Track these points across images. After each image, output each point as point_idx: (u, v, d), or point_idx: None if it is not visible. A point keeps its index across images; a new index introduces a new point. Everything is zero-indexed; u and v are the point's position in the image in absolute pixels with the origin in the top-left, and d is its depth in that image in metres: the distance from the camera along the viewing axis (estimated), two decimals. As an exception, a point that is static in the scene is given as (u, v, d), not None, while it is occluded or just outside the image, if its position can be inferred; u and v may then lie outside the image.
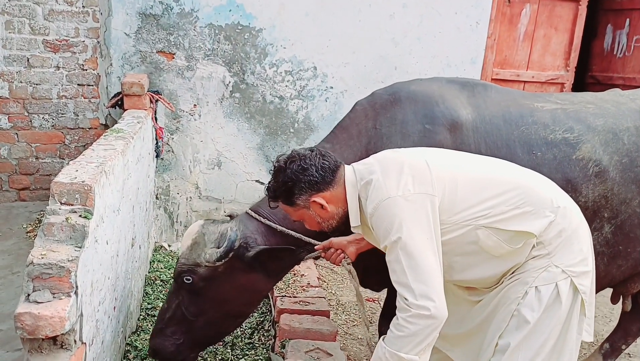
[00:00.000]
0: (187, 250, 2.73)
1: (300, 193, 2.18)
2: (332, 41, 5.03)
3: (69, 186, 2.16)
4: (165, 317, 2.77)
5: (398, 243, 2.00)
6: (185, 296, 2.73)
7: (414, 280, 1.96)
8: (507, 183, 2.13)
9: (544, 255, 2.09)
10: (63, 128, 5.02)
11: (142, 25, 4.77)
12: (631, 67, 5.91)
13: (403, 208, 2.02)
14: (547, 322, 2.09)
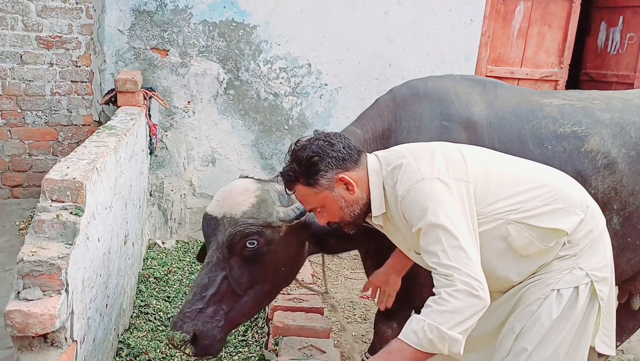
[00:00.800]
0: (252, 208, 2.41)
1: (325, 170, 2.02)
2: (327, 38, 5.02)
3: (60, 183, 2.15)
4: (207, 294, 2.37)
5: (436, 225, 1.86)
6: (236, 267, 2.41)
7: (458, 260, 1.83)
8: (537, 180, 2.08)
9: (570, 255, 2.03)
10: (56, 125, 5.01)
11: (135, 22, 4.75)
12: (625, 64, 5.92)
13: (439, 190, 1.92)
14: (562, 326, 2.03)
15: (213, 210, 2.48)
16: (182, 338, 2.31)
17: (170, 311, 3.65)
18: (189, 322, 2.33)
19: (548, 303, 2.02)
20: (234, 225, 2.39)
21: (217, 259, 2.41)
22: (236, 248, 2.38)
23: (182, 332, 2.31)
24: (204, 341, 2.35)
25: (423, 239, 1.91)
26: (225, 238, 2.39)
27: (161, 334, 3.40)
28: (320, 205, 2.08)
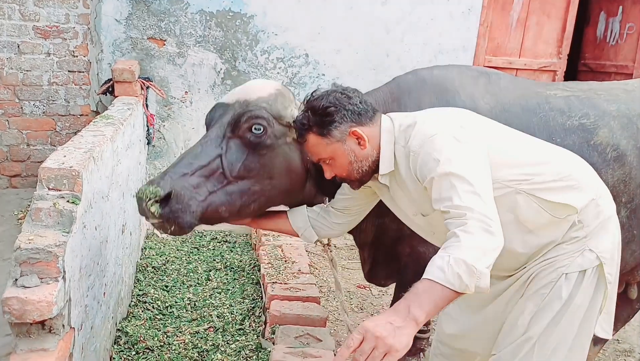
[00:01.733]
0: (268, 96, 2.33)
1: (340, 122, 1.99)
2: (324, 28, 5.02)
3: (57, 171, 2.16)
4: (195, 163, 2.23)
5: (449, 173, 1.80)
6: (234, 149, 2.29)
7: (471, 202, 1.75)
8: (552, 156, 2.06)
9: (580, 237, 2.00)
10: (54, 115, 5.01)
11: (132, 12, 4.74)
12: (623, 54, 5.91)
13: (452, 143, 1.87)
14: (570, 311, 2.00)
15: (225, 99, 2.41)
16: (155, 192, 2.10)
17: (168, 301, 3.66)
18: (168, 180, 2.16)
19: (558, 288, 2.00)
20: (245, 106, 2.30)
21: (216, 136, 2.29)
22: (241, 128, 2.27)
23: (157, 186, 2.12)
24: (176, 205, 2.14)
25: (436, 189, 1.83)
26: (233, 117, 2.30)
27: (159, 323, 3.42)
28: (330, 157, 2.05)
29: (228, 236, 5.02)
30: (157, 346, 3.12)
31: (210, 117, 2.42)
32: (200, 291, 3.85)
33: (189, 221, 2.20)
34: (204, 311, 3.56)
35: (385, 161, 2.05)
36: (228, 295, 3.82)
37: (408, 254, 2.76)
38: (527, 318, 2.04)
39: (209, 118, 2.43)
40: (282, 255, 4.00)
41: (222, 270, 4.23)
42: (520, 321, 2.05)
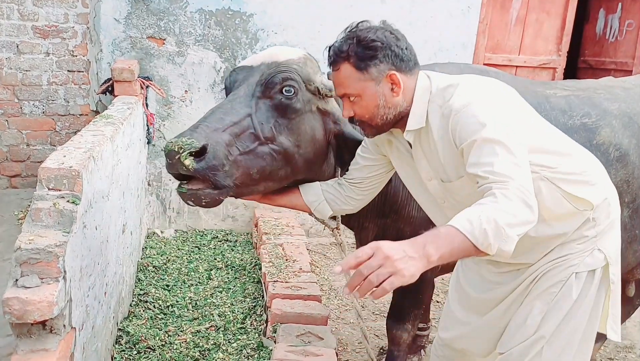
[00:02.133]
0: (299, 59, 2.26)
1: (381, 61, 1.87)
2: (324, 26, 5.00)
3: (57, 171, 2.16)
4: (226, 119, 2.10)
5: (494, 140, 1.72)
6: (264, 110, 2.18)
7: (514, 173, 1.68)
8: (573, 148, 2.05)
9: (590, 237, 1.99)
10: (54, 115, 5.01)
11: (132, 11, 4.73)
12: (623, 51, 5.90)
13: (500, 112, 1.80)
14: (579, 310, 2.00)
15: (247, 62, 2.31)
16: (190, 143, 1.95)
17: (169, 300, 3.67)
18: (202, 133, 2.01)
19: (568, 287, 1.98)
20: (275, 67, 2.20)
21: (244, 94, 2.18)
22: (272, 88, 2.17)
23: (191, 138, 1.97)
24: (212, 161, 2.00)
25: (475, 152, 1.74)
26: (264, 76, 2.20)
27: (161, 322, 3.42)
28: (358, 94, 1.91)
29: (229, 235, 5.03)
30: (158, 345, 3.13)
31: (232, 79, 2.31)
32: (202, 290, 3.86)
33: (225, 182, 2.05)
34: (205, 310, 3.56)
35: (415, 117, 1.94)
36: (229, 294, 3.82)
37: None
38: (537, 317, 2.02)
39: (229, 81, 2.32)
40: (283, 254, 4.00)
41: (223, 269, 4.24)
42: (530, 321, 2.03)
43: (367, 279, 1.44)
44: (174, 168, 2.00)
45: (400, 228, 2.69)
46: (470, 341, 2.28)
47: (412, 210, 2.64)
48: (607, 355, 3.71)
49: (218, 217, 5.16)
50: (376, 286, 1.44)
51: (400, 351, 2.96)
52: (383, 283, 1.44)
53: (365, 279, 1.44)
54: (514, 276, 2.11)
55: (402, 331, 2.89)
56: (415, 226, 2.67)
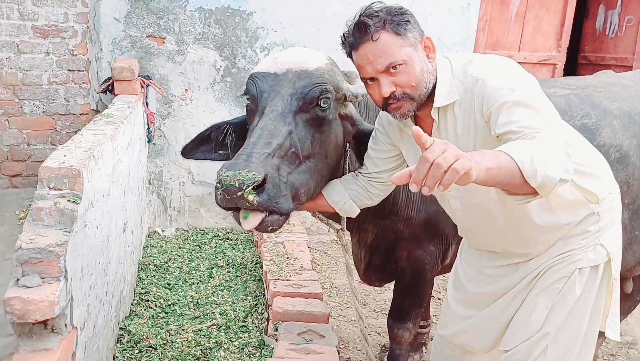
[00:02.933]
0: (327, 67, 2.16)
1: (413, 27, 1.85)
2: (324, 24, 5.00)
3: (57, 171, 2.16)
4: (273, 142, 1.97)
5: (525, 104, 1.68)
6: (302, 126, 2.08)
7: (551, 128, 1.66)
8: (585, 142, 2.05)
9: (593, 232, 1.98)
10: (54, 115, 5.01)
11: (131, 10, 4.73)
12: (623, 47, 5.90)
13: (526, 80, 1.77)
14: (582, 306, 1.99)
15: (269, 67, 2.17)
16: (252, 177, 1.82)
17: (170, 299, 3.67)
18: (259, 163, 1.88)
19: (572, 283, 1.98)
20: (308, 78, 2.10)
21: (282, 110, 2.05)
22: (310, 103, 2.08)
23: (251, 171, 1.83)
24: (273, 190, 1.90)
25: (505, 113, 1.68)
26: (299, 89, 2.09)
27: (162, 321, 3.42)
28: (404, 60, 1.82)
29: (230, 233, 5.03)
30: (160, 344, 3.13)
31: (258, 88, 2.16)
32: (203, 288, 3.86)
33: (288, 206, 1.97)
34: (207, 309, 3.57)
35: (443, 93, 1.89)
36: (230, 293, 3.82)
37: (406, 258, 2.75)
38: (542, 313, 2.00)
39: (255, 90, 2.17)
40: (284, 252, 4.01)
41: (225, 268, 4.24)
42: (535, 317, 2.01)
43: (434, 163, 1.33)
44: (233, 203, 1.87)
45: (400, 230, 2.69)
46: (471, 336, 2.28)
47: (412, 212, 2.63)
48: (608, 351, 3.72)
49: (219, 215, 5.16)
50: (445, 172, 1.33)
51: (402, 350, 2.96)
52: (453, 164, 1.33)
53: (432, 164, 1.34)
54: (513, 270, 2.10)
55: (404, 331, 2.89)
56: (414, 227, 2.67)
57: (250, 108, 2.20)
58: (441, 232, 2.70)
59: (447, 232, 2.71)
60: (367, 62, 1.86)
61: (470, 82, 1.82)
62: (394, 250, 2.77)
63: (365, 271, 2.94)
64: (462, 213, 2.13)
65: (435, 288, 4.39)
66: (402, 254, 2.75)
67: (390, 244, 2.75)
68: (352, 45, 1.90)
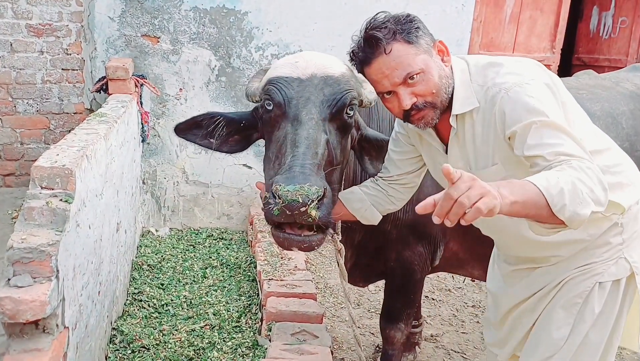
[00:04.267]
0: (348, 71, 2.12)
1: (424, 33, 1.80)
2: (318, 24, 5.00)
3: (50, 170, 2.15)
4: (319, 153, 1.93)
5: (554, 125, 1.63)
6: (334, 133, 2.06)
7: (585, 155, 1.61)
8: (612, 147, 1.97)
9: (615, 244, 1.91)
10: (48, 114, 4.98)
11: (126, 9, 4.72)
12: (617, 48, 5.93)
13: (551, 97, 1.72)
14: (602, 322, 1.94)
15: (290, 72, 2.11)
16: (316, 192, 1.78)
17: (163, 299, 3.66)
18: (316, 176, 1.83)
19: (592, 298, 1.92)
20: (336, 84, 2.06)
21: (318, 118, 2.00)
22: (342, 110, 2.05)
23: (313, 185, 1.79)
24: (330, 205, 1.87)
25: (535, 135, 1.63)
26: (329, 96, 2.04)
27: (155, 321, 3.41)
28: (421, 68, 1.77)
29: (224, 233, 5.03)
30: (153, 344, 3.12)
31: (285, 93, 2.07)
32: (196, 289, 3.85)
33: (331, 219, 1.93)
34: (200, 309, 3.56)
35: (461, 99, 1.83)
36: (224, 293, 3.82)
37: (395, 259, 2.75)
38: (563, 330, 1.95)
39: (281, 96, 2.08)
40: (278, 252, 3.99)
41: (218, 268, 4.23)
42: (556, 334, 1.96)
43: (457, 201, 1.35)
44: (293, 218, 1.82)
45: (388, 231, 2.68)
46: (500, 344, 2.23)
47: (400, 213, 2.62)
48: None
49: (213, 215, 5.15)
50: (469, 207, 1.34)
51: (394, 350, 2.97)
52: (476, 203, 1.34)
53: (456, 202, 1.35)
54: (527, 274, 2.06)
55: (396, 331, 2.89)
56: (402, 228, 2.67)
57: (275, 114, 2.11)
58: (429, 234, 2.70)
59: (435, 234, 2.72)
60: (383, 76, 1.80)
61: (492, 90, 1.76)
62: (382, 251, 2.76)
63: (350, 272, 2.92)
64: (480, 221, 2.10)
65: (430, 289, 4.40)
66: (391, 255, 2.75)
67: (379, 245, 2.75)
68: (363, 61, 1.84)
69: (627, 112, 2.79)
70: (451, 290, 4.47)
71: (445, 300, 4.32)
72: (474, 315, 4.11)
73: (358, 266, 2.89)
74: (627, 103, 2.83)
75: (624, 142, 2.69)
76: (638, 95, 2.89)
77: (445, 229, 2.70)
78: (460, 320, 4.03)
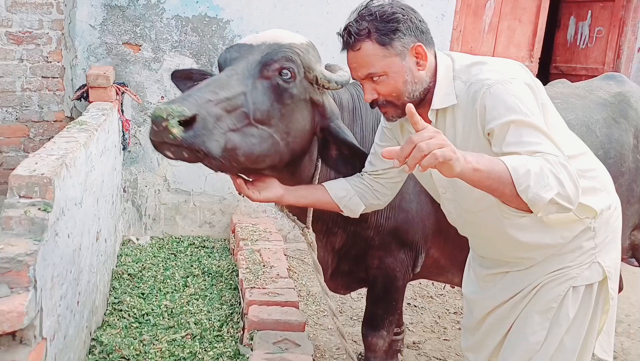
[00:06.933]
0: (301, 45, 2.16)
1: (403, 34, 1.80)
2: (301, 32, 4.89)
3: (28, 179, 2.13)
4: (220, 93, 1.99)
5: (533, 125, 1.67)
6: (259, 90, 2.08)
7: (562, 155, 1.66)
8: (586, 149, 2.01)
9: (588, 249, 1.95)
10: (27, 122, 4.93)
11: (107, 17, 4.70)
12: (593, 57, 6.04)
13: (531, 96, 1.76)
14: (576, 327, 1.97)
15: (247, 40, 2.21)
16: (180, 111, 1.83)
17: (144, 308, 3.63)
18: (194, 102, 1.90)
19: (566, 302, 1.95)
20: (277, 47, 2.11)
21: (242, 71, 2.08)
22: (270, 68, 2.08)
23: (182, 106, 1.85)
24: (202, 130, 1.88)
25: (514, 133, 1.68)
26: (264, 55, 2.10)
27: (135, 331, 3.38)
28: (384, 71, 1.83)
29: (206, 241, 5.00)
30: (133, 355, 3.09)
31: (228, 55, 2.18)
32: (178, 298, 3.83)
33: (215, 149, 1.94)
34: (181, 319, 3.54)
35: (440, 95, 1.87)
36: (206, 301, 3.80)
37: (377, 266, 2.76)
38: (540, 335, 1.97)
39: (224, 58, 2.19)
40: (260, 260, 3.99)
41: (200, 276, 4.21)
42: (533, 338, 1.98)
43: (417, 146, 1.44)
44: (159, 136, 1.86)
45: (369, 237, 2.70)
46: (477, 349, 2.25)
47: (381, 219, 2.64)
48: None
49: (195, 223, 5.13)
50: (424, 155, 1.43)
51: (377, 358, 2.97)
52: (434, 150, 1.43)
53: (416, 146, 1.44)
54: (500, 278, 2.08)
55: (378, 338, 2.90)
56: (384, 235, 2.68)
57: None
58: (411, 240, 2.72)
59: (417, 240, 2.73)
60: (352, 67, 1.91)
61: (475, 86, 1.79)
62: (364, 257, 2.77)
63: (331, 278, 2.92)
64: (455, 218, 2.14)
65: (411, 296, 4.42)
66: (373, 262, 2.76)
67: (360, 251, 2.75)
68: (342, 46, 1.92)
69: (600, 120, 2.84)
70: (433, 296, 4.50)
71: (427, 307, 4.34)
72: (455, 321, 4.13)
73: (339, 272, 2.89)
74: (601, 111, 2.88)
75: (598, 150, 2.74)
76: (611, 103, 2.95)
77: (427, 236, 2.73)
78: (442, 327, 4.05)
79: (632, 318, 4.34)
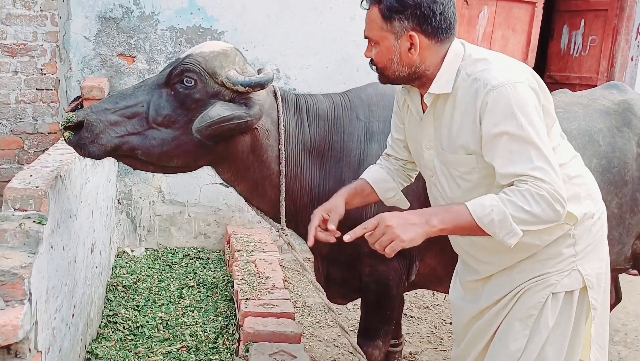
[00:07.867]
0: (210, 53, 2.35)
1: (407, 18, 1.84)
2: (295, 43, 5.04)
3: (23, 191, 2.13)
4: (120, 102, 2.34)
5: (528, 140, 1.73)
6: (164, 97, 2.35)
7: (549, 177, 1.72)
8: (577, 154, 2.03)
9: (568, 256, 1.96)
10: (22, 134, 4.92)
11: (102, 29, 4.71)
12: (587, 66, 6.08)
13: (534, 102, 1.79)
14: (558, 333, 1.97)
15: (187, 51, 2.48)
16: (69, 118, 2.29)
17: (139, 320, 3.61)
18: (86, 111, 2.32)
19: (546, 309, 1.95)
20: (183, 58, 2.38)
21: (151, 82, 2.41)
22: (172, 77, 2.34)
23: (74, 115, 2.30)
24: (85, 134, 2.28)
25: (507, 145, 1.75)
26: (166, 67, 2.42)
27: (130, 343, 3.36)
28: (376, 40, 1.91)
29: (201, 252, 4.99)
30: (128, 367, 3.07)
31: None
32: (173, 309, 3.81)
33: (95, 151, 2.31)
34: (177, 331, 3.52)
35: (441, 81, 1.90)
36: (201, 313, 3.78)
37: (369, 274, 2.74)
38: (520, 342, 1.98)
39: None
40: (255, 271, 3.98)
41: (195, 288, 4.20)
42: (513, 346, 1.99)
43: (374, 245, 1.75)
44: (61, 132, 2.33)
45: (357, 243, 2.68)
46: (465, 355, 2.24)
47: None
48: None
49: (190, 234, 5.12)
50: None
51: None
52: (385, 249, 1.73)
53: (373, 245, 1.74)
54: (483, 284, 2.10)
55: (374, 348, 2.88)
56: None
57: None
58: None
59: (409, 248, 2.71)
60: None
61: (481, 83, 1.81)
62: (355, 265, 2.75)
63: (327, 288, 2.92)
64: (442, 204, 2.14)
65: (408, 306, 4.41)
66: (365, 270, 2.74)
67: (349, 257, 2.73)
68: None
69: (604, 129, 2.82)
70: (429, 307, 4.49)
71: (423, 317, 4.33)
72: (452, 332, 4.13)
73: (333, 281, 2.88)
74: (604, 120, 2.86)
75: (601, 160, 2.72)
76: (614, 111, 2.92)
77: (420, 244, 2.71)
78: (439, 338, 4.04)
79: (629, 327, 4.34)
